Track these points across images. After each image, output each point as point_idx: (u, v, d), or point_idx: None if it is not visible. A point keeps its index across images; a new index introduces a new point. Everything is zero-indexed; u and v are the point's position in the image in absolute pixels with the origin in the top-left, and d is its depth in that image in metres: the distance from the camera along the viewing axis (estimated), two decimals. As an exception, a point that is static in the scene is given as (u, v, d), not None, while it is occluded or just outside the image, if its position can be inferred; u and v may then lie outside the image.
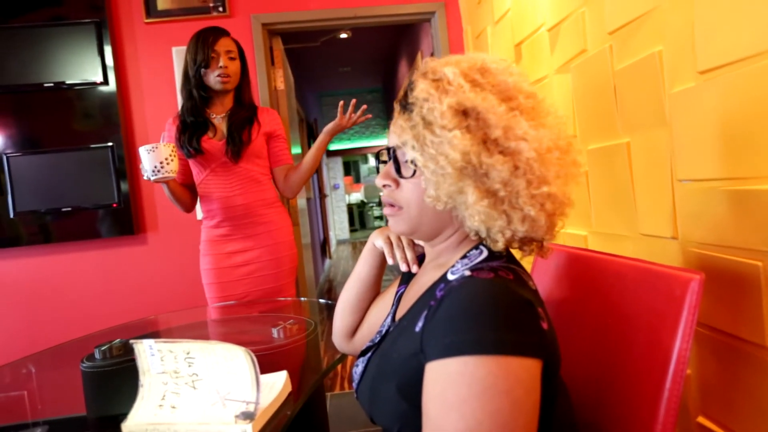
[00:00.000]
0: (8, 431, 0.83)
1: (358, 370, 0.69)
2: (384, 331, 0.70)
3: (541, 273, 0.92)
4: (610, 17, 1.11)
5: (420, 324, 0.55)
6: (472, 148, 0.54)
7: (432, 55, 2.57)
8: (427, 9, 2.48)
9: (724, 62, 0.80)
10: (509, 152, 0.55)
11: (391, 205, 0.64)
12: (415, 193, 0.61)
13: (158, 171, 1.33)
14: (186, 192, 1.60)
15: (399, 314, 0.69)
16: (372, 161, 10.13)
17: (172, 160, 1.34)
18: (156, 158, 1.32)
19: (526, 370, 0.47)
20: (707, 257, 0.86)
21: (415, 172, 0.60)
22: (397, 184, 0.63)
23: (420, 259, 0.77)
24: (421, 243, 0.76)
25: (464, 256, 0.61)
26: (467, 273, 0.55)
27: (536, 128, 0.56)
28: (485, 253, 0.60)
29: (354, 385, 0.69)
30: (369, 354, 0.68)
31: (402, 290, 0.76)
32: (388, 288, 0.82)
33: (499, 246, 0.58)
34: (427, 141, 0.56)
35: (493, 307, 0.49)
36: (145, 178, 1.37)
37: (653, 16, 0.97)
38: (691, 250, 0.91)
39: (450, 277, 0.58)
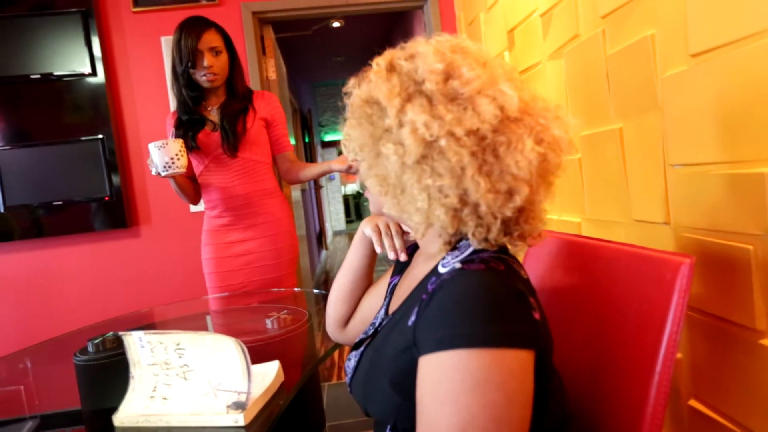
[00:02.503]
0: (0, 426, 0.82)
1: (350, 363, 0.68)
2: (377, 324, 0.70)
3: (533, 260, 0.92)
4: (603, 0, 1.10)
5: (412, 318, 0.55)
6: (366, 138, 0.55)
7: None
8: (419, -4, 2.45)
9: (716, 44, 0.79)
10: (400, 140, 0.53)
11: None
12: None
13: (169, 167, 1.32)
14: (191, 184, 1.59)
15: (392, 307, 0.69)
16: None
17: (182, 155, 1.34)
18: (166, 154, 1.32)
19: (519, 362, 0.47)
20: (699, 242, 0.86)
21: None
22: None
23: (411, 249, 0.76)
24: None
25: (454, 248, 0.60)
26: (458, 265, 0.54)
27: (440, 111, 0.51)
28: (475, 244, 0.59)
29: (347, 379, 0.69)
30: (362, 348, 0.68)
31: (395, 281, 0.76)
32: (382, 277, 0.82)
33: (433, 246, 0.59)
34: (346, 132, 0.60)
35: (485, 299, 0.49)
36: (153, 173, 1.36)
37: (646, -1, 0.96)
38: (683, 235, 0.91)
39: (441, 269, 0.57)
